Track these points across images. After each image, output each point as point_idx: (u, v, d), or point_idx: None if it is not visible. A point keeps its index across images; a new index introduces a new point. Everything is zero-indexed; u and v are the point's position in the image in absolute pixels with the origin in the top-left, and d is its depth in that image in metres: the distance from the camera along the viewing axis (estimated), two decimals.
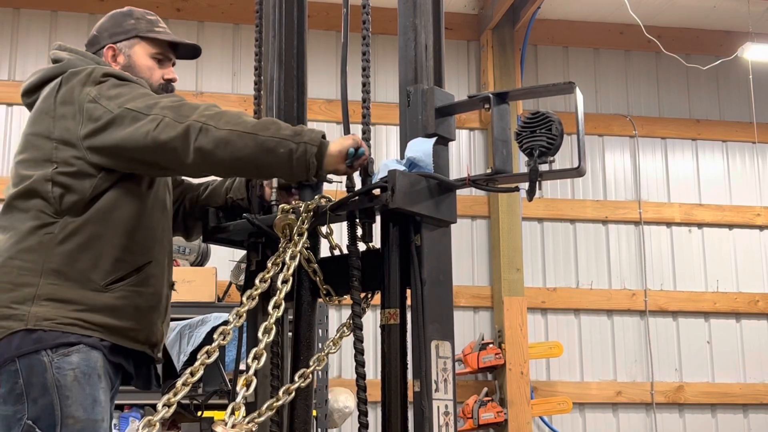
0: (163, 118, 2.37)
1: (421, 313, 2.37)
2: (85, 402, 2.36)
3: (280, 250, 2.46)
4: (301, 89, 2.85)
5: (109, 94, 2.46)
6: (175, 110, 2.39)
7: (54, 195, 2.45)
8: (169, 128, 2.36)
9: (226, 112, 2.41)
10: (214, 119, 2.37)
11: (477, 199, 7.11)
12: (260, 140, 2.36)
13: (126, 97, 2.45)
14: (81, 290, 2.42)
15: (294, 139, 2.37)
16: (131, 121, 2.40)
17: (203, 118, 2.37)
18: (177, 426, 5.04)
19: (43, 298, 2.39)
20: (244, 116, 2.42)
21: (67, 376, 2.35)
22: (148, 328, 2.56)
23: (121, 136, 2.41)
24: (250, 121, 2.41)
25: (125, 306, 2.48)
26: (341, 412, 5.67)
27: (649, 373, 7.20)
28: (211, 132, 2.35)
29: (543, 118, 2.37)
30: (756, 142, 7.51)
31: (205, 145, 2.35)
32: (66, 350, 2.37)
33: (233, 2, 7.12)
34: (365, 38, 2.61)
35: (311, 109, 3.01)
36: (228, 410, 2.16)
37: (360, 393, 2.43)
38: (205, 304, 5.39)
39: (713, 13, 7.52)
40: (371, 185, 2.45)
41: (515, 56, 7.35)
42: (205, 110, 2.40)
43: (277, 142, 2.36)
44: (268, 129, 2.38)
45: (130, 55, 2.74)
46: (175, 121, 2.36)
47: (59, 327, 2.38)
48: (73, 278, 2.42)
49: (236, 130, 2.35)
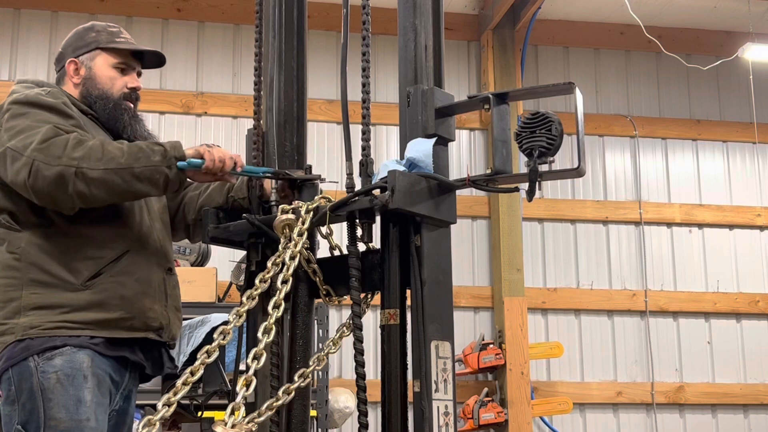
0: (33, 162, 2.41)
1: (421, 313, 2.37)
2: (68, 403, 2.41)
3: (280, 251, 2.46)
4: (301, 89, 2.85)
5: (7, 125, 2.52)
6: (45, 151, 2.41)
7: (4, 219, 2.55)
8: (42, 173, 2.40)
9: (91, 147, 2.44)
10: (85, 160, 2.41)
11: (477, 200, 7.11)
12: (137, 172, 2.44)
13: (14, 131, 2.49)
14: (62, 293, 2.49)
15: (165, 162, 2.47)
16: (11, 160, 2.46)
17: (75, 161, 2.41)
18: (177, 426, 5.04)
19: (28, 308, 2.47)
20: (109, 147, 2.46)
21: (50, 379, 2.42)
22: (142, 314, 2.58)
23: (8, 175, 2.48)
24: (118, 154, 2.45)
25: (109, 298, 2.52)
26: (341, 413, 5.68)
27: (649, 373, 7.20)
28: (87, 174, 2.41)
29: (543, 119, 2.37)
30: (756, 143, 7.52)
31: (83, 189, 2.41)
32: (50, 354, 2.44)
33: (233, 3, 7.12)
34: (365, 38, 2.60)
35: (311, 109, 3.02)
36: (228, 410, 2.16)
37: (360, 393, 2.42)
38: (206, 305, 5.39)
39: (713, 14, 7.52)
40: (371, 185, 2.45)
41: (515, 56, 7.35)
42: (74, 150, 2.42)
43: (152, 170, 2.45)
44: (138, 159, 2.45)
45: (90, 67, 2.77)
46: (46, 164, 2.40)
47: (45, 333, 2.45)
48: (52, 284, 2.49)
49: (110, 167, 2.42)
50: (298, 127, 2.82)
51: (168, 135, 6.57)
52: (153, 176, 2.46)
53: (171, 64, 7.00)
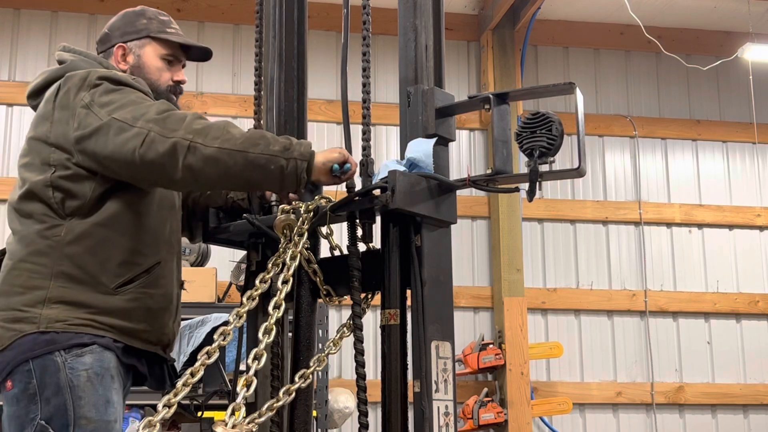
0: (149, 133, 2.33)
1: (422, 313, 2.37)
2: (98, 403, 2.36)
3: (280, 251, 2.46)
4: (302, 89, 2.85)
5: (101, 101, 2.43)
6: (161, 123, 2.34)
7: (56, 199, 2.44)
8: (156, 144, 2.32)
9: (213, 125, 2.37)
10: (202, 135, 2.33)
11: (477, 200, 7.11)
12: (250, 158, 2.34)
13: (116, 105, 2.41)
14: (91, 293, 2.41)
15: (284, 155, 2.36)
16: (116, 132, 2.36)
17: (191, 135, 2.32)
18: (177, 426, 5.04)
19: (53, 301, 2.38)
20: (232, 129, 2.39)
21: (81, 376, 2.35)
22: (159, 330, 2.55)
23: (108, 147, 2.38)
24: (239, 135, 2.37)
25: (136, 308, 2.47)
26: (341, 413, 5.67)
27: (649, 373, 7.20)
28: (200, 150, 2.31)
29: (543, 119, 2.37)
30: (756, 143, 7.51)
31: (194, 163, 2.32)
32: (79, 351, 2.37)
33: (233, 3, 7.12)
34: (365, 39, 2.60)
35: (311, 109, 3.01)
36: (228, 410, 2.16)
37: (360, 393, 2.42)
38: (205, 305, 5.39)
39: (713, 14, 7.52)
40: (371, 186, 2.45)
41: (515, 57, 7.35)
42: (192, 123, 2.35)
43: (268, 158, 2.35)
44: (257, 145, 2.35)
45: (140, 55, 2.70)
46: (162, 136, 2.32)
47: (71, 328, 2.37)
48: (83, 281, 2.41)
49: (225, 147, 2.33)
50: (299, 126, 2.82)
51: None
52: (267, 166, 2.34)
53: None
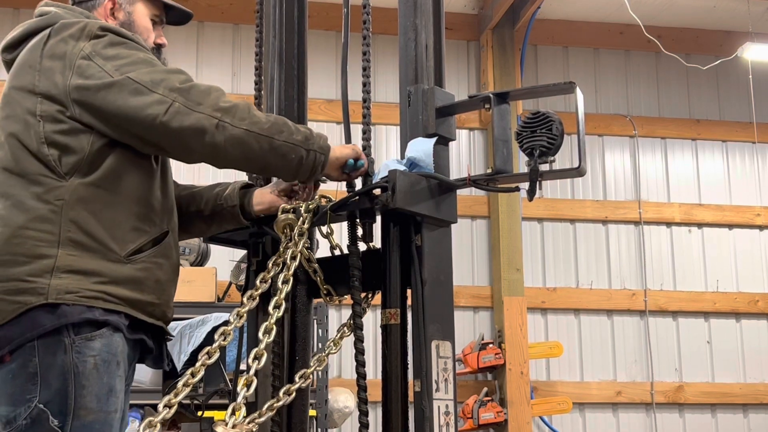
0: (173, 103, 2.21)
1: (422, 313, 2.37)
2: (101, 392, 2.21)
3: (280, 250, 2.46)
4: (302, 89, 2.85)
5: (106, 54, 2.27)
6: (185, 94, 2.24)
7: (53, 156, 2.25)
8: (181, 116, 2.22)
9: (238, 105, 2.30)
10: (230, 114, 2.26)
11: (477, 199, 7.12)
12: (275, 144, 2.30)
13: (125, 61, 2.27)
14: (102, 261, 2.23)
15: (305, 145, 2.34)
16: (133, 93, 2.22)
17: (219, 113, 2.23)
18: (177, 426, 5.04)
19: (63, 270, 2.19)
20: (255, 111, 2.33)
21: (87, 362, 2.19)
22: (165, 303, 2.40)
23: (120, 106, 2.23)
24: (264, 120, 2.31)
25: (146, 278, 2.31)
26: (341, 412, 5.68)
27: (649, 373, 7.20)
28: (227, 130, 2.24)
29: (543, 118, 2.37)
30: (756, 142, 7.52)
31: (220, 142, 2.25)
32: (89, 333, 2.19)
33: (233, 2, 7.12)
34: (366, 38, 2.60)
35: (311, 109, 3.01)
36: (228, 410, 2.16)
37: (360, 393, 2.43)
38: (205, 304, 5.39)
39: (713, 13, 7.52)
40: (372, 185, 2.45)
41: (515, 56, 7.35)
42: (219, 100, 2.26)
43: (290, 147, 2.32)
44: (281, 132, 2.32)
45: (130, 12, 2.54)
46: (188, 108, 2.22)
47: (83, 300, 2.19)
48: (93, 248, 2.23)
49: (252, 130, 2.27)
50: None
51: None
52: (288, 155, 2.31)
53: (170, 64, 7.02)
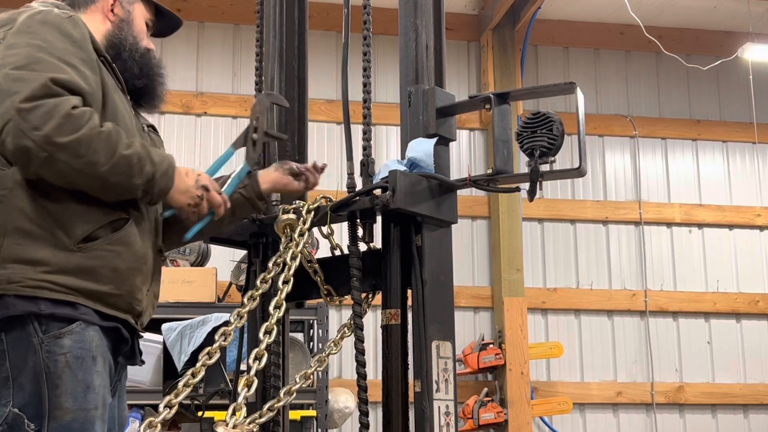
0: (9, 122, 2.08)
1: (422, 313, 2.37)
2: (76, 390, 2.14)
3: (281, 251, 2.46)
4: (302, 89, 2.86)
5: (8, 42, 2.21)
6: (24, 115, 2.08)
7: None
8: (12, 137, 2.09)
9: (79, 140, 2.11)
10: (64, 150, 2.10)
11: (477, 200, 7.11)
12: (108, 184, 2.18)
13: (11, 53, 2.16)
14: (50, 249, 2.15)
15: (143, 186, 2.23)
16: None
17: (50, 147, 2.08)
18: (177, 426, 5.04)
19: (8, 260, 2.13)
20: (100, 147, 2.15)
21: (58, 362, 2.12)
22: (130, 294, 2.27)
23: None
24: (102, 161, 2.15)
25: (101, 267, 2.20)
26: (341, 413, 5.67)
27: (649, 373, 7.20)
28: (56, 165, 2.12)
29: (544, 119, 2.37)
30: (756, 143, 7.52)
31: (45, 173, 2.13)
32: (57, 332, 2.14)
33: (234, 2, 7.12)
34: (366, 38, 2.61)
35: (312, 109, 3.02)
36: (229, 410, 2.16)
37: (361, 393, 2.43)
38: (206, 305, 5.39)
39: (713, 14, 7.52)
40: (372, 185, 2.45)
41: (515, 57, 7.35)
42: (59, 131, 2.09)
43: (125, 188, 2.21)
44: (120, 174, 2.18)
45: (130, 11, 2.48)
46: (20, 132, 2.08)
47: (26, 291, 2.12)
48: (41, 237, 2.15)
49: (84, 171, 2.14)
50: (299, 126, 2.83)
51: (168, 135, 6.56)
52: (122, 194, 2.22)
53: (170, 64, 7.03)
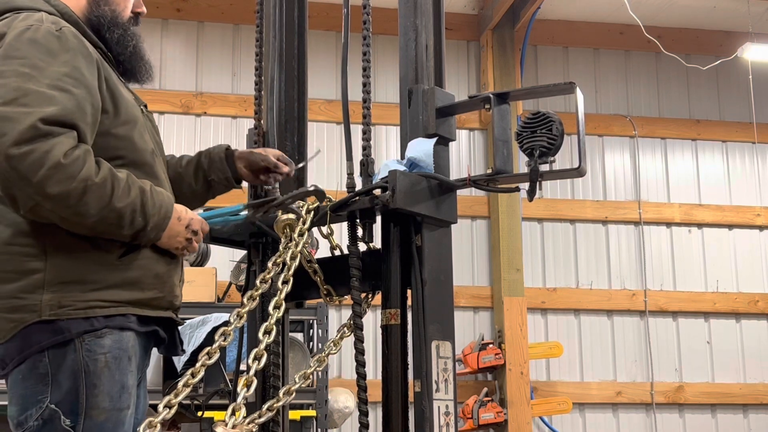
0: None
1: (422, 313, 2.37)
2: (113, 390, 2.15)
3: (281, 251, 2.46)
4: (302, 89, 2.86)
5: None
6: (14, 162, 1.99)
7: None
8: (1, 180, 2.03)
9: (69, 193, 2.04)
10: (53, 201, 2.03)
11: (477, 200, 7.12)
12: (97, 231, 2.13)
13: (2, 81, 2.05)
14: (94, 266, 2.15)
15: (132, 237, 2.18)
16: None
17: (39, 197, 2.02)
18: (177, 426, 5.04)
19: (53, 283, 2.11)
20: (92, 199, 2.08)
21: (98, 361, 2.13)
22: (170, 293, 2.32)
23: None
24: (92, 213, 2.09)
25: (144, 276, 2.23)
26: (341, 413, 5.68)
27: (649, 373, 7.20)
28: (43, 213, 2.06)
29: (544, 119, 2.37)
30: (756, 143, 7.52)
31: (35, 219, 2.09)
32: (98, 331, 2.14)
33: (233, 2, 7.12)
34: (366, 38, 2.60)
35: (311, 109, 3.02)
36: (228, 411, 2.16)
37: (360, 393, 2.43)
38: (205, 305, 5.39)
39: (713, 14, 7.52)
40: (372, 185, 2.45)
41: (515, 56, 7.35)
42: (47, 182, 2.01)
43: (113, 235, 2.17)
44: (110, 224, 2.12)
45: None
46: (8, 181, 2.01)
47: (78, 313, 2.12)
48: (81, 256, 2.14)
49: (71, 220, 2.08)
50: (299, 126, 2.83)
51: (167, 135, 6.56)
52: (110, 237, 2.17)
53: (170, 64, 7.04)
